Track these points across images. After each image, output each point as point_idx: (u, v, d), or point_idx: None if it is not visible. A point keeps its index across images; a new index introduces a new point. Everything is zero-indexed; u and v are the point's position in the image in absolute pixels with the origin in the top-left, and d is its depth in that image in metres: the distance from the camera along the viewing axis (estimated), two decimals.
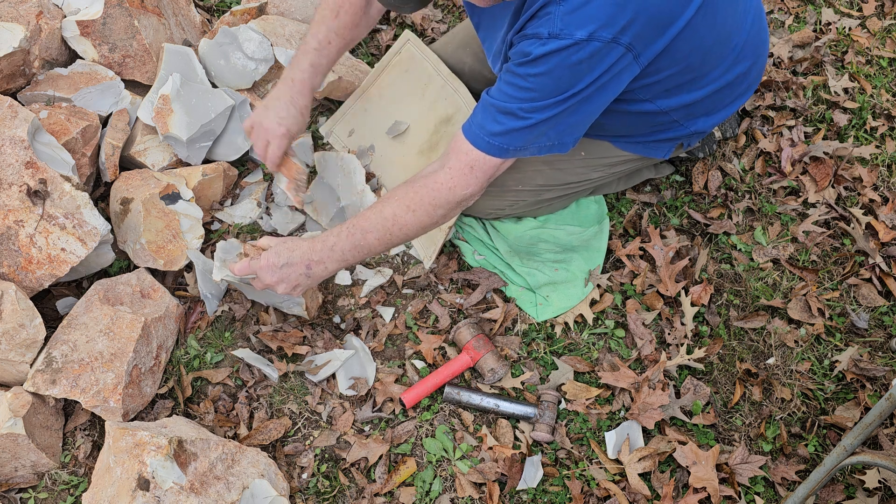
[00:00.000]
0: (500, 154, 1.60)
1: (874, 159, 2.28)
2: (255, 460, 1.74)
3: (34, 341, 1.76)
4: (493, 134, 1.57)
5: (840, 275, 2.09)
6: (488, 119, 1.57)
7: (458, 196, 1.63)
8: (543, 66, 1.45)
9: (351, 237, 1.67)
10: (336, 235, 1.68)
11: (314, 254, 1.69)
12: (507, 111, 1.54)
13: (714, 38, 1.63)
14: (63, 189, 1.83)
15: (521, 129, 1.55)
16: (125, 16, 2.11)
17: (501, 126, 1.56)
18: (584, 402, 1.90)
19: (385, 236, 1.67)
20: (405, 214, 1.64)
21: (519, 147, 1.59)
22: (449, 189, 1.63)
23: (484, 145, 1.59)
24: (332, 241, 1.68)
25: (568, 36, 1.40)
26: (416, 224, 1.65)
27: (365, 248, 1.68)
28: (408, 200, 1.64)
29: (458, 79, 2.07)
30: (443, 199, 1.63)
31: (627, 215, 2.18)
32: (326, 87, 2.25)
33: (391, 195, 1.67)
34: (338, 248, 1.68)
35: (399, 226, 1.65)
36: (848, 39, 2.58)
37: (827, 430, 1.88)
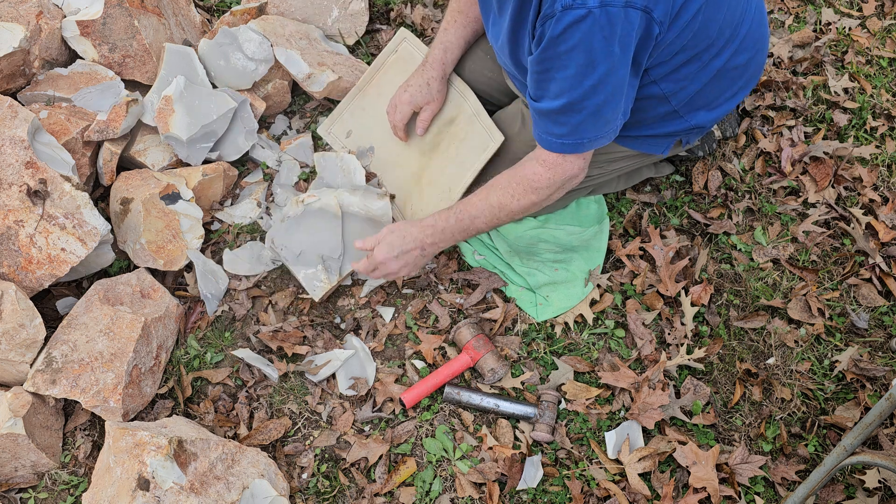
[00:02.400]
0: (577, 150, 1.65)
1: (874, 159, 2.28)
2: (255, 460, 1.74)
3: (34, 341, 1.76)
4: (562, 135, 1.62)
5: (840, 275, 2.09)
6: (550, 124, 1.62)
7: (557, 182, 1.72)
8: (566, 42, 1.45)
9: (460, 222, 1.81)
10: (445, 220, 1.82)
11: (427, 237, 1.83)
12: (559, 109, 1.56)
13: (722, 18, 1.64)
14: (63, 189, 1.83)
15: (584, 122, 1.58)
16: (125, 16, 2.11)
17: (565, 127, 1.60)
18: (584, 402, 1.90)
19: (492, 221, 1.81)
20: (510, 202, 1.76)
21: (592, 137, 1.62)
22: (548, 178, 1.71)
23: (558, 147, 1.65)
24: (443, 226, 1.82)
25: (581, 5, 1.40)
26: (520, 209, 1.77)
27: (473, 230, 1.83)
28: (511, 190, 1.75)
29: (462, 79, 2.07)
30: (544, 185, 1.72)
31: (627, 215, 2.18)
32: (326, 86, 2.25)
33: (496, 184, 1.78)
34: (448, 231, 1.82)
35: (506, 211, 1.78)
36: (848, 39, 2.58)
37: (827, 430, 1.88)
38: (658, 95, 1.75)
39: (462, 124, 2.05)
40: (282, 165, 2.27)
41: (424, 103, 2.04)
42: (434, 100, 2.04)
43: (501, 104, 2.15)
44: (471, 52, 2.09)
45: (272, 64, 2.25)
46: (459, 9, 1.98)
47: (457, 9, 1.99)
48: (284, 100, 2.38)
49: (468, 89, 2.05)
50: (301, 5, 2.42)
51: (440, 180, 2.06)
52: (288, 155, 2.29)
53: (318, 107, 2.43)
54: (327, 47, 2.40)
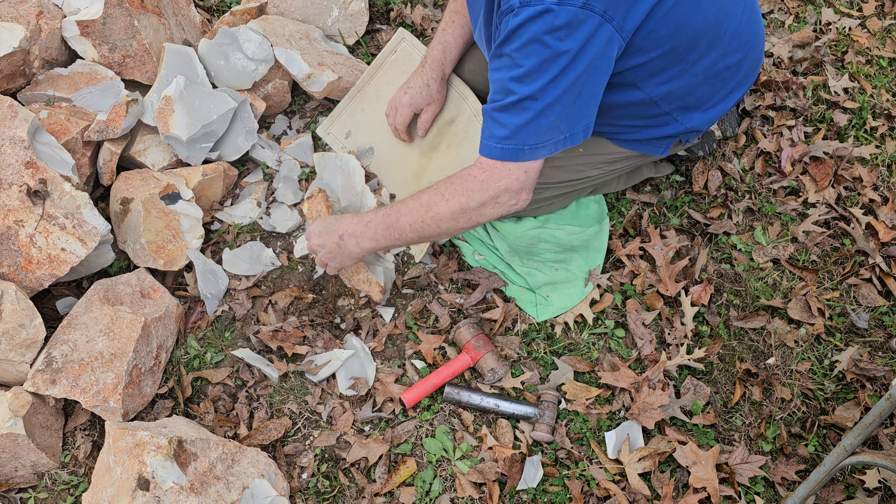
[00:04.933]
0: (516, 157, 1.56)
1: (874, 159, 2.28)
2: (255, 460, 1.74)
3: (34, 341, 1.76)
4: (502, 139, 1.54)
5: (840, 275, 2.09)
6: (493, 126, 1.55)
7: (490, 188, 1.60)
8: (521, 37, 1.42)
9: (386, 217, 1.73)
10: (373, 213, 1.76)
11: (350, 227, 1.77)
12: (504, 107, 1.51)
13: (701, 20, 1.60)
14: (63, 189, 1.83)
15: (527, 124, 1.51)
16: (125, 16, 2.11)
17: (506, 128, 1.53)
18: (584, 401, 1.90)
19: (417, 223, 1.69)
20: (439, 202, 1.66)
21: (533, 144, 1.54)
22: (481, 182, 1.61)
23: (497, 153, 1.56)
24: (369, 218, 1.76)
25: (538, 2, 1.38)
26: (447, 211, 1.65)
27: (397, 231, 1.72)
28: (443, 189, 1.66)
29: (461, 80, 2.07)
30: (476, 188, 1.61)
31: (627, 215, 2.18)
32: (326, 86, 2.25)
33: (431, 186, 1.71)
34: (371, 225, 1.74)
35: (432, 213, 1.67)
36: (848, 39, 2.58)
37: (827, 430, 1.88)
38: (644, 100, 1.74)
39: (462, 125, 2.05)
40: (282, 165, 2.27)
41: (425, 104, 2.03)
42: (434, 101, 2.03)
43: None
44: (470, 52, 2.09)
45: (272, 64, 2.25)
46: (457, 9, 1.96)
47: (455, 9, 1.97)
48: (284, 100, 2.39)
49: (468, 89, 2.05)
50: (301, 5, 2.42)
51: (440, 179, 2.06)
52: (288, 155, 2.29)
53: (318, 107, 2.43)
54: (327, 47, 2.40)
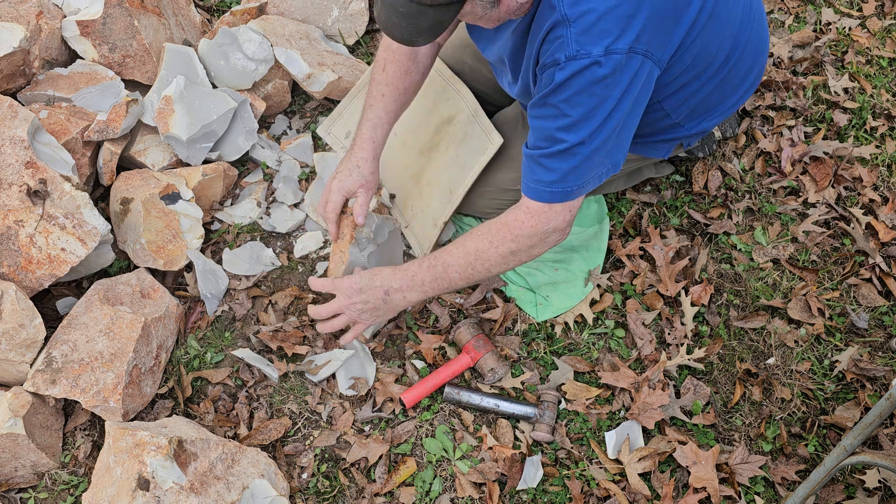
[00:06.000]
0: (563, 199, 1.58)
1: (874, 159, 2.28)
2: (255, 460, 1.74)
3: (34, 341, 1.76)
4: (551, 182, 1.56)
5: (840, 275, 2.09)
6: (540, 171, 1.57)
7: (539, 232, 1.63)
8: (569, 90, 1.45)
9: (432, 269, 1.70)
10: (418, 266, 1.72)
11: (395, 282, 1.72)
12: (551, 155, 1.53)
13: (723, 39, 1.64)
14: (63, 189, 1.83)
15: (576, 168, 1.54)
16: (125, 16, 2.11)
17: (554, 173, 1.55)
18: (584, 401, 1.90)
19: (467, 271, 1.68)
20: (488, 249, 1.65)
21: (580, 185, 1.57)
22: (531, 227, 1.62)
23: (546, 196, 1.59)
24: (413, 271, 1.71)
25: (586, 55, 1.40)
26: (498, 257, 1.66)
27: (445, 281, 1.70)
28: (490, 236, 1.65)
29: (459, 79, 2.07)
30: (525, 234, 1.63)
31: (627, 215, 2.18)
32: (326, 86, 2.25)
33: (476, 230, 1.68)
34: (418, 279, 1.71)
35: (482, 260, 1.67)
36: (848, 39, 2.58)
37: (827, 430, 1.88)
38: (660, 113, 1.75)
39: (460, 124, 2.05)
40: (282, 165, 2.27)
41: (357, 188, 1.84)
42: (367, 182, 1.84)
43: (501, 105, 2.16)
44: (471, 53, 2.09)
45: (272, 64, 2.25)
46: (387, 81, 1.85)
47: (384, 81, 1.85)
48: (284, 100, 2.39)
49: (464, 87, 2.05)
50: (301, 5, 2.42)
51: (440, 181, 2.06)
52: (288, 155, 2.29)
53: (318, 107, 2.43)
54: (327, 47, 2.40)
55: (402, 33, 1.37)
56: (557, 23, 1.41)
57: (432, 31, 1.37)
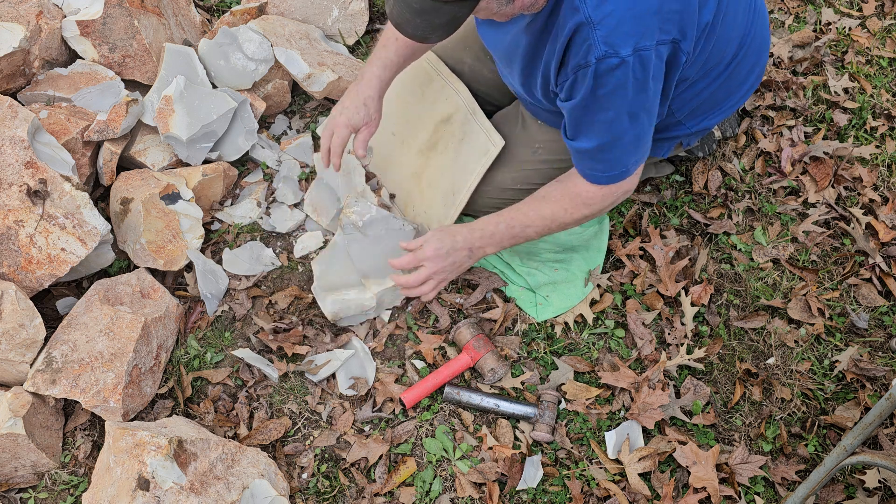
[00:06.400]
0: (622, 177, 1.68)
1: (874, 159, 2.28)
2: (255, 460, 1.74)
3: (34, 341, 1.76)
4: (606, 170, 1.66)
5: (840, 275, 2.08)
6: (593, 163, 1.66)
7: (609, 200, 1.73)
8: (604, 87, 1.49)
9: (510, 229, 1.80)
10: (495, 225, 1.80)
11: (475, 240, 1.81)
12: (598, 148, 1.61)
13: (734, 36, 1.68)
14: (63, 189, 1.83)
15: (628, 152, 1.63)
16: (125, 16, 2.11)
17: (607, 163, 1.64)
18: (584, 401, 1.90)
19: (544, 230, 1.80)
20: (563, 215, 1.75)
21: (637, 161, 1.67)
22: (601, 197, 1.72)
23: (605, 180, 1.68)
24: (492, 230, 1.81)
25: (614, 55, 1.43)
26: (573, 221, 1.77)
27: (523, 238, 1.82)
28: (564, 204, 1.74)
29: (458, 78, 2.07)
30: (597, 202, 1.73)
31: (627, 215, 2.18)
32: (326, 86, 2.25)
33: (548, 196, 1.77)
34: (497, 237, 1.82)
35: (558, 223, 1.77)
36: (848, 39, 2.58)
37: (827, 430, 1.88)
38: (663, 109, 1.76)
39: (458, 123, 2.04)
40: (282, 165, 2.27)
41: (362, 124, 1.90)
42: (372, 120, 1.91)
43: (502, 104, 2.15)
44: (471, 53, 2.09)
45: (272, 64, 2.25)
46: None
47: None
48: (284, 100, 2.39)
49: (462, 85, 2.05)
50: (301, 5, 2.42)
51: (441, 182, 2.06)
52: (288, 155, 2.29)
53: (318, 107, 2.43)
54: (327, 47, 2.40)
55: (415, 30, 1.37)
56: (582, 24, 1.43)
57: (447, 27, 1.37)
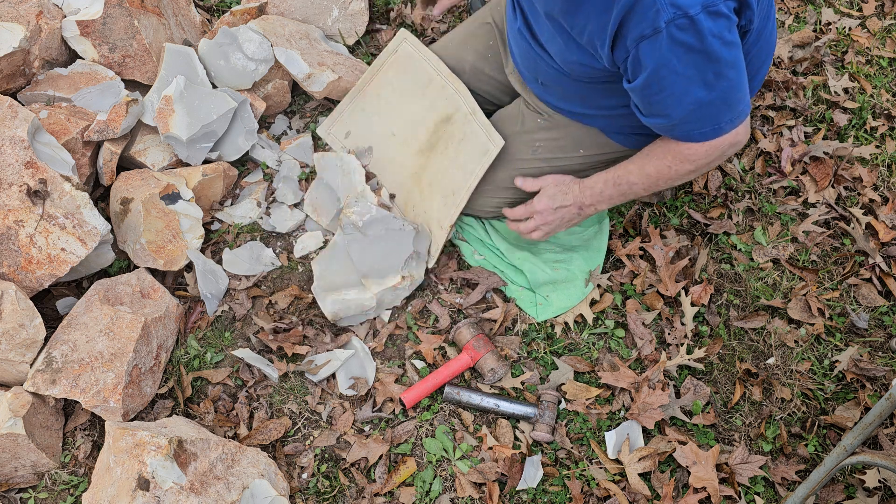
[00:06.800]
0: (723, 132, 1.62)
1: (874, 159, 2.28)
2: (255, 460, 1.74)
3: (34, 341, 1.76)
4: (704, 130, 1.61)
5: (840, 275, 2.09)
6: (686, 126, 1.61)
7: (715, 154, 1.68)
8: (678, 53, 1.44)
9: (618, 187, 1.82)
10: (604, 183, 1.83)
11: (585, 199, 1.87)
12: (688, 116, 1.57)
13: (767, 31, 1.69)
14: (63, 189, 1.83)
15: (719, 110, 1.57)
16: (125, 16, 2.11)
17: (702, 122, 1.59)
18: (584, 401, 1.90)
19: (650, 187, 1.79)
20: (667, 172, 1.74)
21: (741, 111, 1.60)
22: (705, 152, 1.67)
23: (708, 135, 1.63)
24: (600, 188, 1.84)
25: (683, 15, 1.39)
26: (678, 176, 1.75)
27: (631, 195, 1.84)
28: (668, 161, 1.72)
29: (458, 78, 2.07)
30: (702, 157, 1.69)
31: (627, 215, 2.18)
32: (326, 86, 2.25)
33: (652, 153, 1.75)
34: (606, 195, 1.85)
35: (663, 179, 1.76)
36: (848, 39, 2.58)
37: (827, 430, 1.88)
38: None
39: (458, 123, 2.05)
40: (282, 165, 2.27)
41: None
42: None
43: (502, 103, 2.16)
44: (473, 51, 2.09)
45: (272, 64, 2.25)
46: None
47: None
48: (284, 100, 2.39)
49: (462, 85, 2.05)
50: (301, 5, 2.42)
51: (441, 182, 2.06)
52: (288, 155, 2.29)
53: (318, 107, 2.43)
54: (327, 47, 2.40)
55: None
56: None
57: None
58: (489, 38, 2.10)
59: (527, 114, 1.99)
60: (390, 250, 1.99)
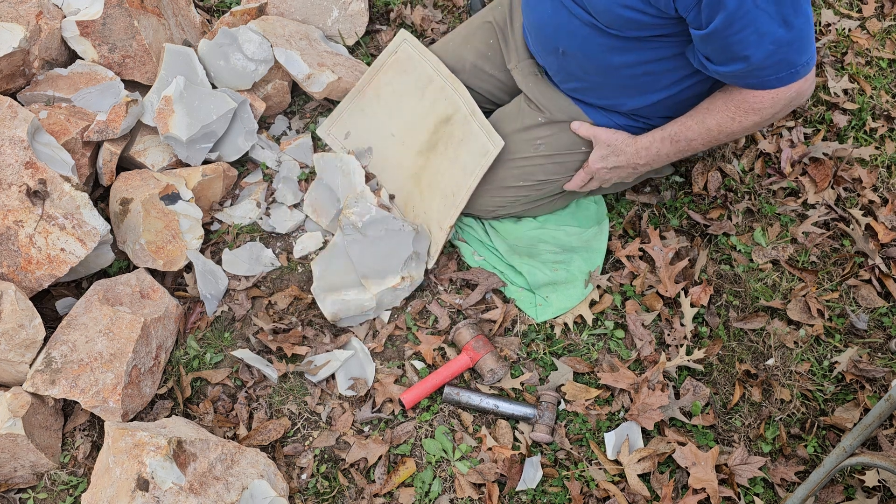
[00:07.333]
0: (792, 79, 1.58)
1: (874, 160, 2.28)
2: (255, 461, 1.74)
3: (33, 341, 1.76)
4: (776, 73, 1.56)
5: (839, 276, 2.09)
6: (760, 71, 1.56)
7: (781, 102, 1.64)
8: None
9: (675, 144, 1.80)
10: (660, 142, 1.82)
11: (640, 158, 1.87)
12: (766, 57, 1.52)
13: None
14: (63, 189, 1.83)
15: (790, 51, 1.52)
16: (125, 16, 2.11)
17: (775, 66, 1.54)
18: (583, 402, 1.90)
19: (710, 141, 1.77)
20: (730, 124, 1.71)
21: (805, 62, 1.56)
22: (772, 100, 1.64)
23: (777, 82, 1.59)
24: (657, 148, 1.83)
25: None
26: (741, 129, 1.72)
27: (689, 151, 1.82)
28: (731, 113, 1.69)
29: (458, 78, 2.07)
30: (767, 106, 1.65)
31: (627, 216, 2.18)
32: (326, 87, 2.25)
33: (712, 107, 1.72)
34: (662, 153, 1.84)
35: (725, 132, 1.73)
36: (847, 41, 2.58)
37: (826, 431, 1.88)
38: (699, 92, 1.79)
39: (458, 124, 2.05)
40: (281, 166, 2.27)
41: None
42: None
43: (502, 102, 2.16)
44: (473, 50, 2.09)
45: (272, 64, 2.25)
46: None
47: None
48: (284, 100, 2.38)
49: (461, 85, 2.05)
50: (301, 6, 2.42)
51: (441, 182, 2.06)
52: (287, 155, 2.29)
53: (317, 107, 2.43)
54: (327, 48, 2.40)
55: None
56: None
57: None
58: (489, 36, 2.10)
59: (527, 111, 1.99)
60: (390, 251, 1.99)
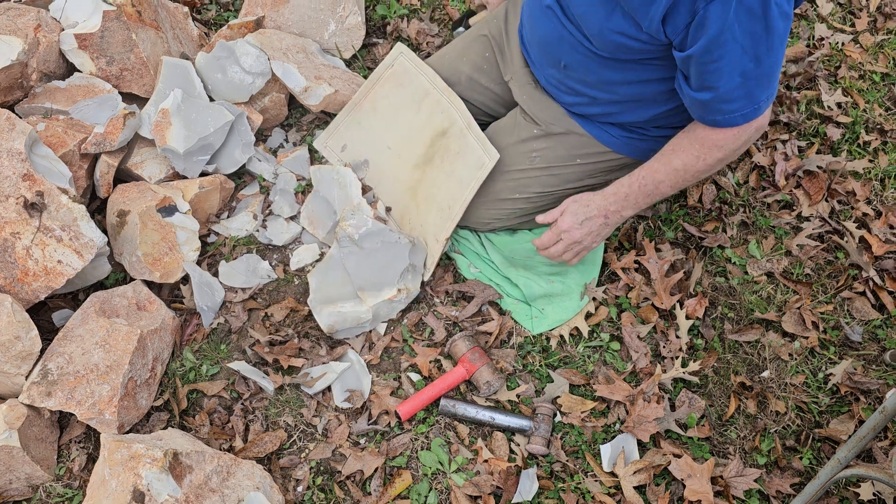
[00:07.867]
0: (755, 115, 1.62)
1: (867, 173, 2.30)
2: (251, 473, 1.74)
3: (30, 353, 1.76)
4: (737, 108, 1.59)
5: (834, 288, 2.10)
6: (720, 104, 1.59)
7: (743, 139, 1.67)
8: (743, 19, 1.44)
9: (644, 188, 1.79)
10: (628, 187, 1.81)
11: (610, 205, 1.84)
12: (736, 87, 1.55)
13: None
14: (60, 201, 1.83)
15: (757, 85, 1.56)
16: (123, 29, 2.12)
17: (738, 101, 1.58)
18: (579, 414, 1.91)
19: (677, 183, 1.77)
20: (696, 163, 1.72)
21: (767, 97, 1.60)
22: (734, 137, 1.66)
23: (738, 119, 1.62)
24: (625, 192, 1.81)
25: None
26: (706, 168, 1.73)
27: (658, 195, 1.81)
28: (695, 151, 1.71)
29: (454, 90, 2.08)
30: (730, 143, 1.68)
31: (622, 228, 2.19)
32: (323, 100, 2.26)
33: (676, 147, 1.74)
34: (632, 199, 1.82)
35: (691, 172, 1.74)
36: (841, 54, 2.60)
37: (821, 443, 1.88)
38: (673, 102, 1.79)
39: (454, 137, 2.06)
40: (278, 178, 2.28)
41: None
42: None
43: (498, 115, 2.17)
44: (469, 62, 2.10)
45: (269, 77, 2.26)
46: None
47: None
48: (281, 113, 2.39)
49: (458, 99, 2.06)
50: (298, 19, 2.44)
51: (437, 195, 2.07)
52: (284, 168, 2.30)
53: (314, 120, 2.44)
54: (324, 61, 2.41)
55: None
56: None
57: None
58: (485, 49, 2.11)
59: (522, 124, 2.00)
60: (386, 263, 1.99)
